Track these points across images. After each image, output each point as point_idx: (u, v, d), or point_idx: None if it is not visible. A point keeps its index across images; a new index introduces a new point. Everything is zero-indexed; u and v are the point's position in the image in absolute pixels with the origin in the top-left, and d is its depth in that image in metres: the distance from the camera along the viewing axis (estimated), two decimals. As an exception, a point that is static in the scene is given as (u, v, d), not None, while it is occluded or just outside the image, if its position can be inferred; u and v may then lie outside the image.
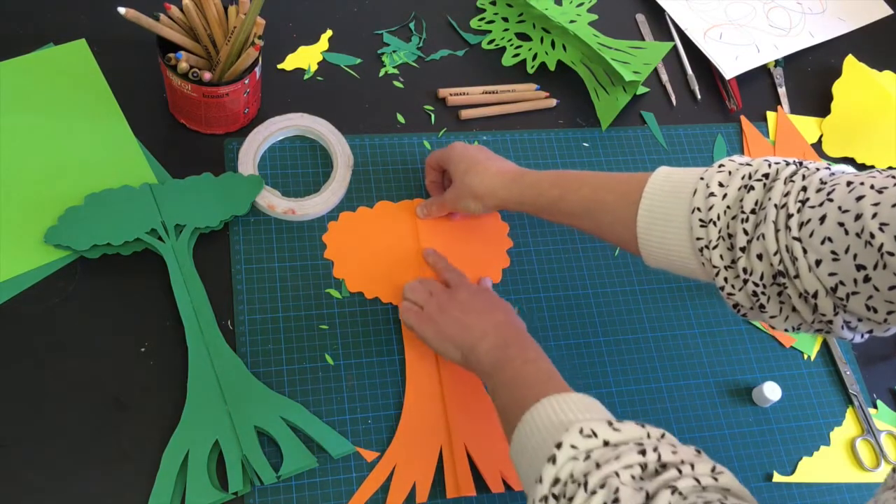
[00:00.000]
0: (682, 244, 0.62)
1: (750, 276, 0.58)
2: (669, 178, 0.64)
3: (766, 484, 0.80)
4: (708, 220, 0.60)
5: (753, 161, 0.61)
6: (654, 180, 0.65)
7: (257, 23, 0.79)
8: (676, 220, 0.62)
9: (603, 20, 1.04)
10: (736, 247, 0.58)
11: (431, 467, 0.73)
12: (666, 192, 0.64)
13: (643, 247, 0.65)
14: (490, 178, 0.78)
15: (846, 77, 1.06)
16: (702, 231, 0.60)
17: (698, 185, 0.61)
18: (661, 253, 0.65)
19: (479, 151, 0.81)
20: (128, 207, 0.77)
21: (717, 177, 0.61)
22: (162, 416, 0.71)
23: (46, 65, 0.86)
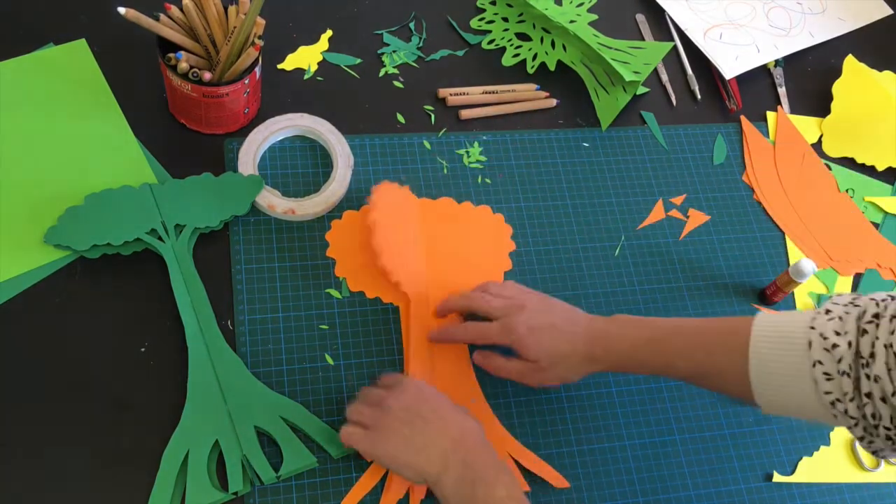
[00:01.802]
0: (805, 399, 0.61)
1: (880, 422, 0.57)
2: (777, 331, 0.62)
3: (766, 484, 0.80)
4: (837, 372, 0.58)
5: (859, 300, 0.60)
6: (760, 334, 0.63)
7: (257, 23, 0.79)
8: (796, 377, 0.60)
9: (603, 20, 1.04)
10: (862, 393, 0.57)
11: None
12: (776, 348, 0.62)
13: (761, 403, 0.64)
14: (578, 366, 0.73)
15: (846, 77, 1.06)
16: (830, 385, 0.59)
17: (811, 336, 0.59)
18: (780, 406, 0.63)
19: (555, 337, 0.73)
20: (128, 207, 0.77)
21: (830, 325, 0.59)
22: (162, 416, 0.71)
23: (46, 65, 0.86)
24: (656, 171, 0.95)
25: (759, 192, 0.97)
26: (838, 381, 0.58)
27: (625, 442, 0.79)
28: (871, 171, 1.02)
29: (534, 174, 0.91)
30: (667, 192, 0.94)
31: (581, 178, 0.92)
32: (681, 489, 0.78)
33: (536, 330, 0.73)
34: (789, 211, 0.96)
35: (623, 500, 0.76)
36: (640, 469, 0.78)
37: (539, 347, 0.72)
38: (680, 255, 0.90)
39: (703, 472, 0.79)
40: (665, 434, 0.80)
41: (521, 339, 0.73)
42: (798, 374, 0.60)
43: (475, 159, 0.90)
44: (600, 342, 0.72)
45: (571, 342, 0.73)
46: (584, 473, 0.76)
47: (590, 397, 0.80)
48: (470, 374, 0.78)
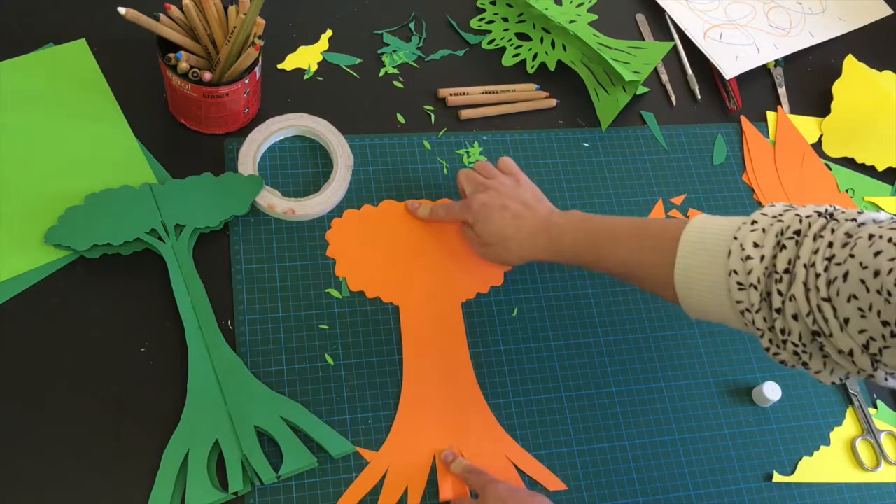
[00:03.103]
0: (722, 305, 0.62)
1: (789, 337, 0.58)
2: (702, 237, 0.64)
3: (766, 484, 0.80)
4: (747, 283, 0.59)
5: (785, 215, 0.61)
6: (687, 239, 0.64)
7: (257, 23, 0.79)
8: (714, 283, 0.62)
9: (603, 20, 1.04)
10: (772, 308, 0.58)
11: (425, 471, 0.73)
12: (700, 253, 0.63)
13: (684, 306, 0.66)
14: (519, 250, 0.77)
15: (846, 77, 1.06)
16: (741, 294, 0.60)
17: (732, 245, 0.61)
18: (701, 311, 0.65)
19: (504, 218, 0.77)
20: (128, 207, 0.77)
21: (750, 237, 0.60)
22: (162, 416, 0.71)
23: (46, 65, 0.86)
24: (656, 171, 0.95)
25: (759, 192, 0.97)
26: (748, 292, 0.59)
27: (625, 442, 0.79)
28: (871, 171, 1.02)
29: (534, 174, 0.91)
30: (667, 192, 0.94)
31: (581, 178, 0.92)
32: (681, 489, 0.78)
33: (489, 208, 0.77)
34: (789, 211, 0.96)
35: (623, 500, 0.76)
36: (640, 469, 0.78)
37: (485, 225, 0.77)
38: (680, 255, 0.90)
39: (703, 472, 0.79)
40: (665, 434, 0.80)
41: (474, 215, 0.78)
42: (715, 281, 0.62)
43: (475, 159, 0.90)
44: (544, 233, 0.76)
45: (516, 227, 0.76)
46: (583, 474, 0.76)
47: (590, 397, 0.80)
48: (470, 375, 0.78)
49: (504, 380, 0.79)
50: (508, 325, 0.82)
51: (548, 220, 0.77)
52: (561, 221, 0.76)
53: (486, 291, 0.83)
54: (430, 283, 0.82)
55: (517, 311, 0.83)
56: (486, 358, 0.80)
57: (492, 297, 0.83)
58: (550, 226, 0.76)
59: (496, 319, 0.82)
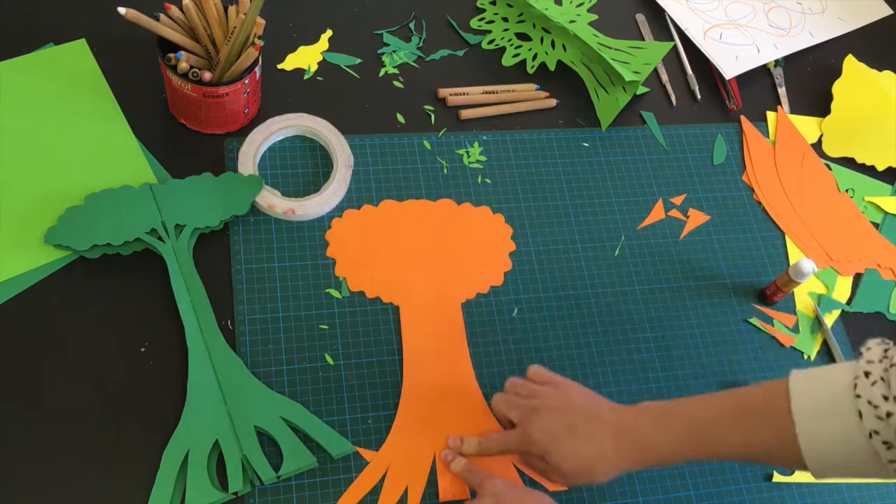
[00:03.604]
0: (865, 466, 0.59)
1: None
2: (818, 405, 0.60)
3: (767, 484, 0.80)
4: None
5: (891, 354, 0.59)
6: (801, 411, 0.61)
7: (257, 23, 0.79)
8: (851, 448, 0.59)
9: (603, 20, 1.04)
10: None
11: (425, 471, 0.73)
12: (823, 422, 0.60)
13: (817, 475, 0.62)
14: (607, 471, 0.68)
15: (846, 77, 1.06)
16: (891, 453, 0.57)
17: (860, 406, 0.58)
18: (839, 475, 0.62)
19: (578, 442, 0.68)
20: (128, 207, 0.77)
21: (875, 391, 0.57)
22: (162, 416, 0.71)
23: (46, 65, 0.86)
24: (656, 171, 0.95)
25: (759, 192, 0.97)
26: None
27: (625, 442, 0.79)
28: (871, 171, 1.02)
29: (534, 174, 0.91)
30: (667, 192, 0.94)
31: (581, 178, 0.92)
32: (681, 489, 0.77)
33: (555, 435, 0.68)
34: (789, 211, 0.96)
35: (623, 500, 0.76)
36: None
37: (560, 456, 0.68)
38: (680, 255, 0.90)
39: (703, 472, 0.79)
40: (665, 434, 0.80)
41: (543, 448, 0.69)
42: (852, 444, 0.58)
43: (475, 159, 0.90)
44: (627, 441, 0.68)
45: (595, 444, 0.68)
46: (584, 473, 0.76)
47: (590, 397, 0.80)
48: (470, 376, 0.78)
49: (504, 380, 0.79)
50: (508, 325, 0.82)
51: (623, 425, 0.69)
52: (639, 423, 0.69)
53: (485, 291, 0.83)
54: (430, 283, 0.82)
55: (517, 311, 0.83)
56: (486, 358, 0.80)
57: (492, 297, 0.83)
58: (630, 432, 0.68)
59: (496, 319, 0.82)
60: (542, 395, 0.72)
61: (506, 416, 0.73)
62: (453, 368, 0.78)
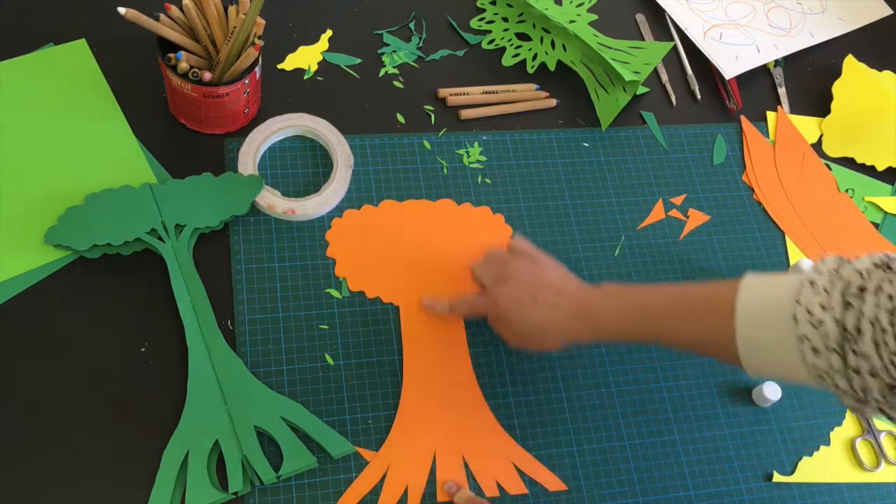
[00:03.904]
0: (795, 370, 0.61)
1: (870, 394, 0.57)
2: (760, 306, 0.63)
3: (766, 484, 0.80)
4: (824, 348, 0.58)
5: (842, 271, 0.60)
6: (744, 309, 0.63)
7: (257, 23, 0.79)
8: (783, 351, 0.61)
9: (603, 20, 1.04)
10: (849, 367, 0.58)
11: (425, 471, 0.73)
12: (762, 323, 0.62)
13: (751, 373, 0.65)
14: (556, 338, 0.74)
15: (846, 77, 1.06)
16: (819, 360, 0.59)
17: (797, 311, 0.60)
18: (771, 375, 0.65)
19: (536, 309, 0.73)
20: (128, 207, 0.77)
21: (815, 300, 0.59)
22: (162, 416, 0.71)
23: (46, 65, 0.86)
24: (656, 171, 0.95)
25: (759, 192, 0.97)
26: (826, 356, 0.58)
27: (625, 442, 0.79)
28: (871, 171, 1.02)
29: (534, 174, 0.91)
30: (667, 192, 0.94)
31: (581, 178, 0.92)
32: (681, 489, 0.78)
33: (517, 302, 0.73)
34: (789, 211, 0.96)
35: (623, 500, 0.76)
36: (640, 469, 0.78)
37: (518, 320, 0.74)
38: (680, 255, 0.90)
39: (703, 472, 0.79)
40: (665, 434, 0.80)
41: (504, 311, 0.74)
42: (785, 347, 0.61)
43: (475, 159, 0.90)
44: (587, 316, 0.72)
45: (551, 316, 0.73)
46: (583, 474, 0.76)
47: (590, 397, 0.80)
48: (470, 376, 0.78)
49: (504, 380, 0.79)
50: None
51: (583, 301, 0.73)
52: (598, 301, 0.73)
53: (486, 291, 0.83)
54: (430, 283, 0.82)
55: (517, 311, 0.83)
56: (486, 358, 0.80)
57: (492, 297, 0.83)
58: (588, 308, 0.73)
59: (496, 319, 0.82)
60: (515, 265, 0.76)
61: (481, 280, 0.77)
62: (453, 368, 0.78)
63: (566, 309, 0.73)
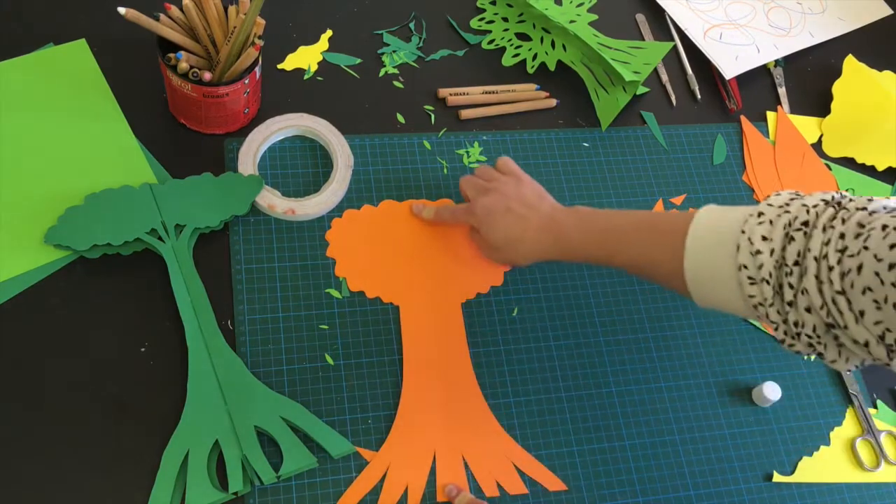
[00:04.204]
0: (733, 299, 0.62)
1: (803, 329, 0.58)
2: (709, 232, 0.64)
3: (766, 484, 0.80)
4: (758, 278, 0.59)
5: (791, 205, 0.60)
6: (695, 234, 0.64)
7: (257, 23, 0.79)
8: (724, 277, 0.62)
9: (603, 20, 1.04)
10: (785, 301, 0.58)
11: (425, 471, 0.73)
12: (708, 248, 0.63)
13: (696, 299, 0.66)
14: (526, 251, 0.77)
15: (846, 77, 1.06)
16: (753, 289, 0.60)
17: (740, 239, 0.60)
18: (712, 304, 0.65)
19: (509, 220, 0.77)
20: (128, 207, 0.77)
21: (758, 230, 0.60)
22: (162, 416, 0.71)
23: (46, 65, 0.86)
24: (656, 171, 0.95)
25: (759, 192, 0.97)
26: (760, 286, 0.59)
27: (625, 442, 0.79)
28: (871, 171, 1.02)
29: (534, 174, 0.91)
30: (667, 192, 0.94)
31: (581, 178, 0.92)
32: (681, 489, 0.78)
33: (493, 212, 0.77)
34: (789, 211, 0.96)
35: (623, 500, 0.76)
36: (640, 469, 0.78)
37: (491, 229, 0.78)
38: (680, 255, 0.90)
39: (703, 472, 0.79)
40: (665, 434, 0.80)
41: (479, 220, 0.78)
42: (726, 276, 0.62)
43: (475, 159, 0.90)
44: (551, 232, 0.76)
45: (522, 228, 0.76)
46: (583, 474, 0.76)
47: (590, 397, 0.80)
48: (470, 375, 0.78)
49: (504, 380, 0.79)
50: (508, 325, 0.82)
51: (553, 218, 0.76)
52: (566, 220, 0.76)
53: (486, 291, 0.83)
54: (430, 283, 0.82)
55: (517, 311, 0.83)
56: (486, 358, 0.80)
57: (492, 297, 0.83)
58: (556, 224, 0.76)
59: (496, 319, 0.82)
60: (498, 181, 0.80)
61: (465, 192, 0.82)
62: (453, 368, 0.78)
63: (534, 225, 0.76)
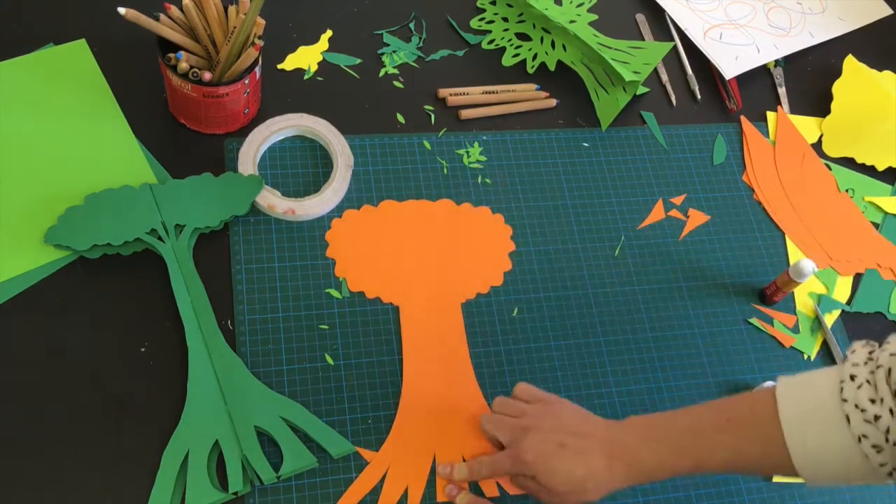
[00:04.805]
0: (857, 471, 0.59)
1: None
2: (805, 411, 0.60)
3: (766, 484, 0.80)
4: (886, 441, 0.56)
5: (880, 358, 0.58)
6: (789, 418, 0.60)
7: (257, 23, 0.79)
8: (840, 453, 0.58)
9: (603, 20, 1.04)
10: None
11: (425, 471, 0.73)
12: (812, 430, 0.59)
13: (809, 482, 0.62)
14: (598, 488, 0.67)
15: (846, 77, 1.06)
16: (881, 457, 0.57)
17: (847, 409, 0.57)
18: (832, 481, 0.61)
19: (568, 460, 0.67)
20: (128, 207, 0.77)
21: (863, 394, 0.57)
22: (162, 416, 0.71)
23: (46, 65, 0.86)
24: (656, 171, 0.95)
25: (759, 192, 0.97)
26: (890, 450, 0.56)
27: (625, 442, 0.79)
28: (871, 171, 1.02)
29: (534, 174, 0.91)
30: (667, 192, 0.94)
31: (581, 178, 0.92)
32: (681, 489, 0.77)
33: (545, 455, 0.67)
34: (789, 211, 0.96)
35: (623, 500, 0.76)
36: (640, 469, 0.78)
37: (550, 475, 0.67)
38: (680, 255, 0.90)
39: (703, 472, 0.79)
40: (665, 434, 0.80)
41: (533, 468, 0.68)
42: (843, 450, 0.58)
43: (475, 159, 0.90)
44: (620, 458, 0.67)
45: (585, 465, 0.67)
46: (584, 473, 0.76)
47: (590, 397, 0.80)
48: (470, 375, 0.78)
49: (504, 380, 0.79)
50: (508, 325, 0.82)
51: (615, 441, 0.68)
52: (630, 439, 0.67)
53: (486, 291, 0.83)
54: (430, 283, 0.82)
55: (517, 311, 0.83)
56: (486, 358, 0.80)
57: (492, 297, 0.83)
58: (621, 448, 0.67)
59: (496, 319, 0.82)
60: (531, 414, 0.71)
61: (495, 437, 0.72)
62: (453, 368, 0.78)
63: (597, 454, 0.67)
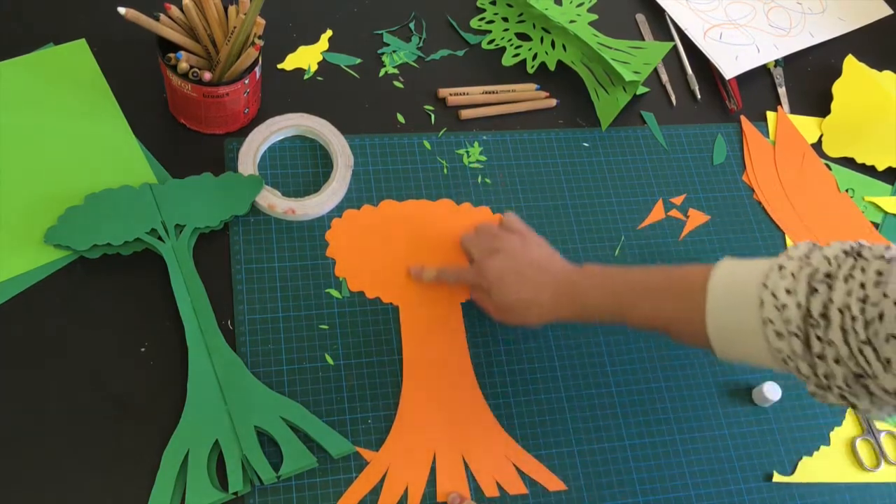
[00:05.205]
0: (761, 353, 0.62)
1: (833, 381, 0.57)
2: (730, 288, 0.63)
3: (766, 484, 0.80)
4: (786, 332, 0.59)
5: (812, 257, 0.60)
6: (715, 290, 0.64)
7: (257, 23, 0.79)
8: (750, 333, 0.61)
9: (603, 20, 1.04)
10: (813, 354, 0.58)
11: (425, 471, 0.73)
12: (730, 304, 0.63)
13: (721, 356, 0.65)
14: (540, 313, 0.75)
15: (846, 77, 1.06)
16: (781, 343, 0.59)
17: (763, 294, 0.60)
18: (738, 359, 0.65)
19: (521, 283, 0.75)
20: (128, 207, 0.77)
21: (781, 284, 0.59)
22: (162, 416, 0.71)
23: (46, 65, 0.86)
24: (656, 171, 0.95)
25: (759, 192, 0.97)
26: (788, 340, 0.59)
27: (625, 442, 0.79)
28: (871, 171, 1.02)
29: (534, 174, 0.91)
30: (667, 192, 0.94)
31: (581, 178, 0.92)
32: (681, 489, 0.78)
33: (503, 275, 0.76)
34: (789, 211, 0.96)
35: (623, 500, 0.76)
36: (640, 469, 0.78)
37: (502, 292, 0.75)
38: (680, 255, 0.90)
39: (703, 472, 0.79)
40: (665, 434, 0.80)
41: (490, 283, 0.76)
42: (751, 331, 0.61)
43: (475, 159, 0.90)
44: (567, 294, 0.74)
45: (535, 291, 0.75)
46: (583, 474, 0.76)
47: (590, 397, 0.80)
48: (470, 375, 0.78)
49: (504, 380, 0.79)
50: (508, 325, 0.82)
51: (567, 279, 0.75)
52: (580, 280, 0.74)
53: (486, 291, 0.83)
54: (430, 284, 0.82)
55: (517, 311, 0.83)
56: (486, 358, 0.80)
57: (492, 297, 0.83)
58: (570, 286, 0.74)
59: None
60: (504, 240, 0.79)
61: (469, 252, 0.81)
62: (453, 368, 0.78)
63: (548, 287, 0.75)
